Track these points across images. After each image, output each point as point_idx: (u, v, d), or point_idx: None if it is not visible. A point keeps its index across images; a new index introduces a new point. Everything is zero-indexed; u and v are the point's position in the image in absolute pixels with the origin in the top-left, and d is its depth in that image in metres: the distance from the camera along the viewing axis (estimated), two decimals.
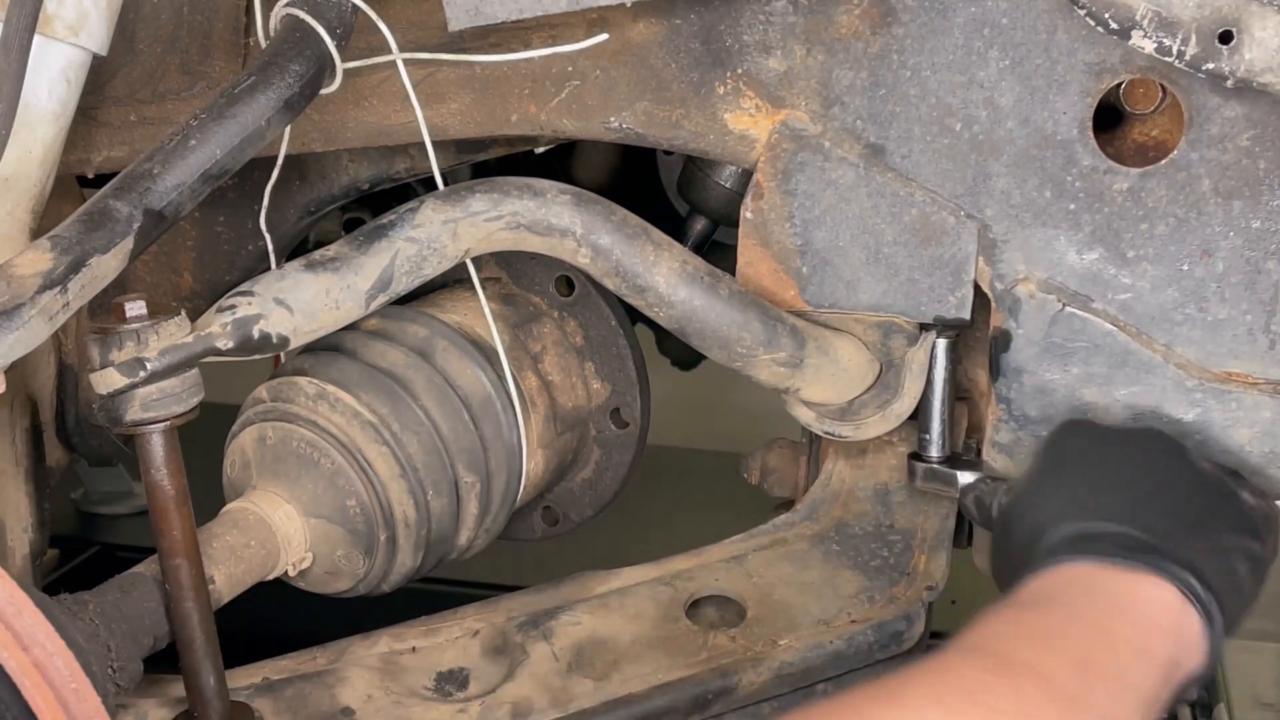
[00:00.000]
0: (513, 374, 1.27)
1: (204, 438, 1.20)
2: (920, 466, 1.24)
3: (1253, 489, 1.01)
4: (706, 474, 2.25)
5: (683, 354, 1.94)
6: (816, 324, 1.19)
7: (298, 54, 1.03)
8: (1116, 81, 1.09)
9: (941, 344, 1.21)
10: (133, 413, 0.98)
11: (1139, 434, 1.04)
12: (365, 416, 1.16)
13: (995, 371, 1.18)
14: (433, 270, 1.13)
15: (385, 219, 1.12)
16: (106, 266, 0.94)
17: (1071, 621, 0.83)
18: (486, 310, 1.25)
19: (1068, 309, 1.15)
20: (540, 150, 1.33)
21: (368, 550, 1.16)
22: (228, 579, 1.08)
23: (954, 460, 1.24)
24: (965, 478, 1.22)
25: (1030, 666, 0.78)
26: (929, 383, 1.22)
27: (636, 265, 1.13)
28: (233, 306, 1.04)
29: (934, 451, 1.23)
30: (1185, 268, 1.12)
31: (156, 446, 1.00)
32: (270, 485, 1.16)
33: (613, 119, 1.18)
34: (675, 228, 1.40)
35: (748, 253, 1.20)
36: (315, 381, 1.17)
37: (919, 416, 1.24)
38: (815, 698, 1.17)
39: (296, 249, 1.46)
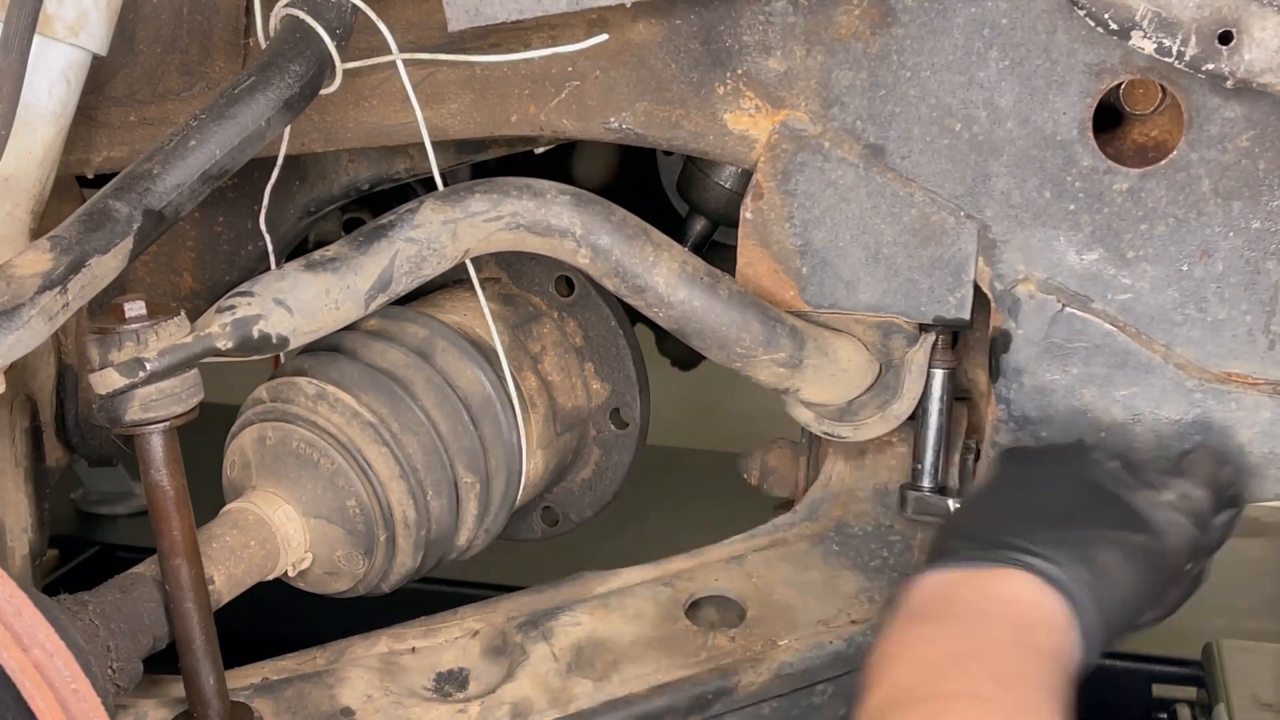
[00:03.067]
0: (512, 374, 1.27)
1: (204, 438, 1.20)
2: (912, 495, 1.24)
3: (1159, 486, 1.01)
4: (706, 474, 2.24)
5: (683, 354, 1.94)
6: (816, 324, 1.19)
7: (297, 54, 1.03)
8: (1116, 82, 1.09)
9: (939, 374, 1.22)
10: (132, 413, 0.98)
11: (1052, 450, 1.09)
12: (365, 417, 1.16)
13: (995, 372, 1.18)
14: (432, 270, 1.13)
15: (385, 219, 1.12)
16: (106, 267, 0.94)
17: (966, 638, 0.86)
18: (486, 310, 1.25)
19: (1067, 309, 1.15)
20: (540, 150, 1.33)
21: (367, 550, 1.16)
22: (227, 579, 1.08)
23: (945, 490, 1.25)
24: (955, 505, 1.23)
25: (961, 695, 0.80)
26: (924, 413, 1.23)
27: (636, 266, 1.13)
28: (232, 307, 1.04)
29: (926, 481, 1.24)
30: (1185, 268, 1.12)
31: (156, 447, 1.00)
32: (270, 485, 1.16)
33: (613, 119, 1.18)
34: (675, 228, 1.40)
35: (747, 253, 1.20)
36: (315, 382, 1.17)
37: (915, 446, 1.25)
38: (812, 697, 1.17)
39: (296, 249, 1.46)
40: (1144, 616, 0.98)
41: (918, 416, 1.24)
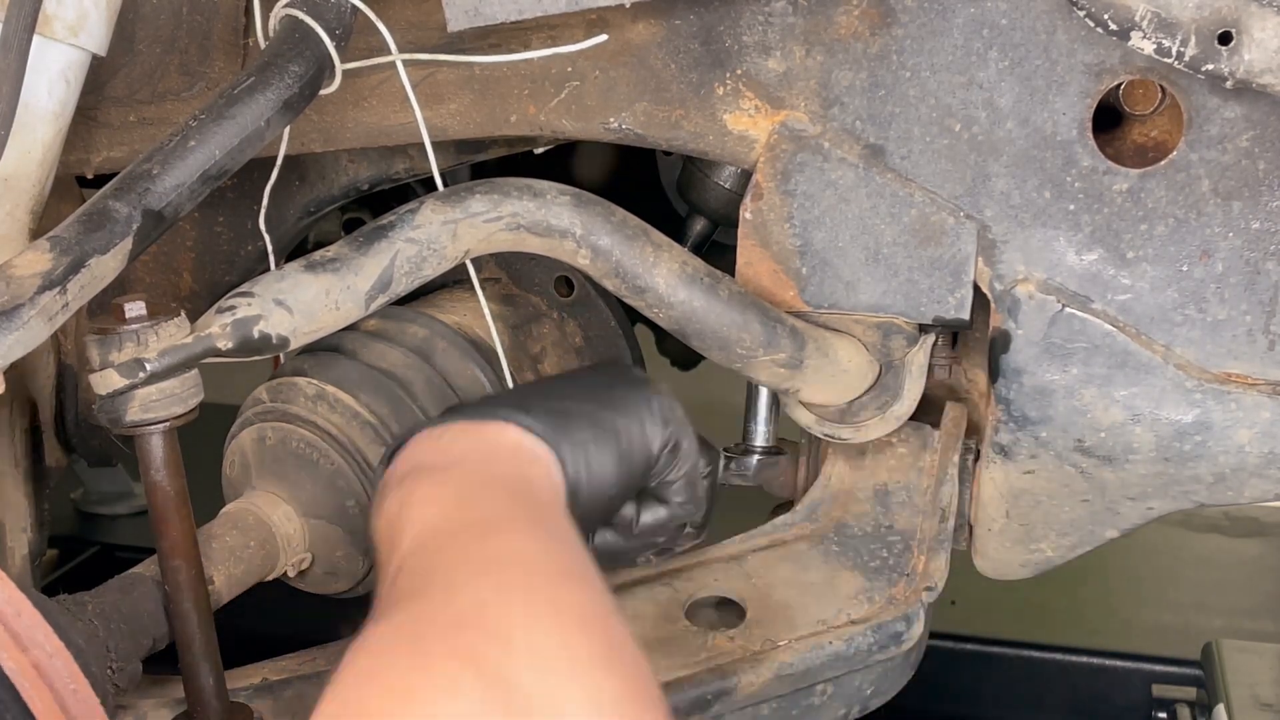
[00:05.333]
0: (512, 374, 1.27)
1: (204, 438, 1.20)
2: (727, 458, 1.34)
3: (660, 393, 1.05)
4: None
5: (683, 354, 1.93)
6: (816, 325, 1.19)
7: (297, 55, 1.03)
8: (1116, 82, 1.09)
9: (765, 390, 1.30)
10: (132, 413, 0.98)
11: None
12: (365, 417, 1.16)
13: (995, 372, 1.18)
14: (432, 271, 1.13)
15: (385, 220, 1.12)
16: (106, 267, 0.94)
17: (470, 476, 0.90)
18: (486, 311, 1.25)
19: (1067, 309, 1.15)
20: (540, 150, 1.33)
21: (367, 550, 1.16)
22: (227, 580, 1.08)
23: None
24: (750, 460, 1.35)
25: (498, 518, 0.84)
26: (752, 424, 1.34)
27: (636, 266, 1.13)
28: (232, 307, 1.04)
29: (757, 440, 1.35)
30: (1185, 268, 1.12)
31: (156, 447, 1.00)
32: (269, 486, 1.16)
33: (612, 119, 1.18)
34: (675, 228, 1.40)
35: (747, 253, 1.20)
36: (315, 382, 1.17)
37: (746, 408, 1.34)
38: (812, 697, 1.17)
39: (296, 249, 1.46)
40: (612, 503, 1.02)
41: (745, 423, 1.34)
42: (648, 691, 0.71)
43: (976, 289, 1.17)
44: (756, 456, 1.36)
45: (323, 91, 1.07)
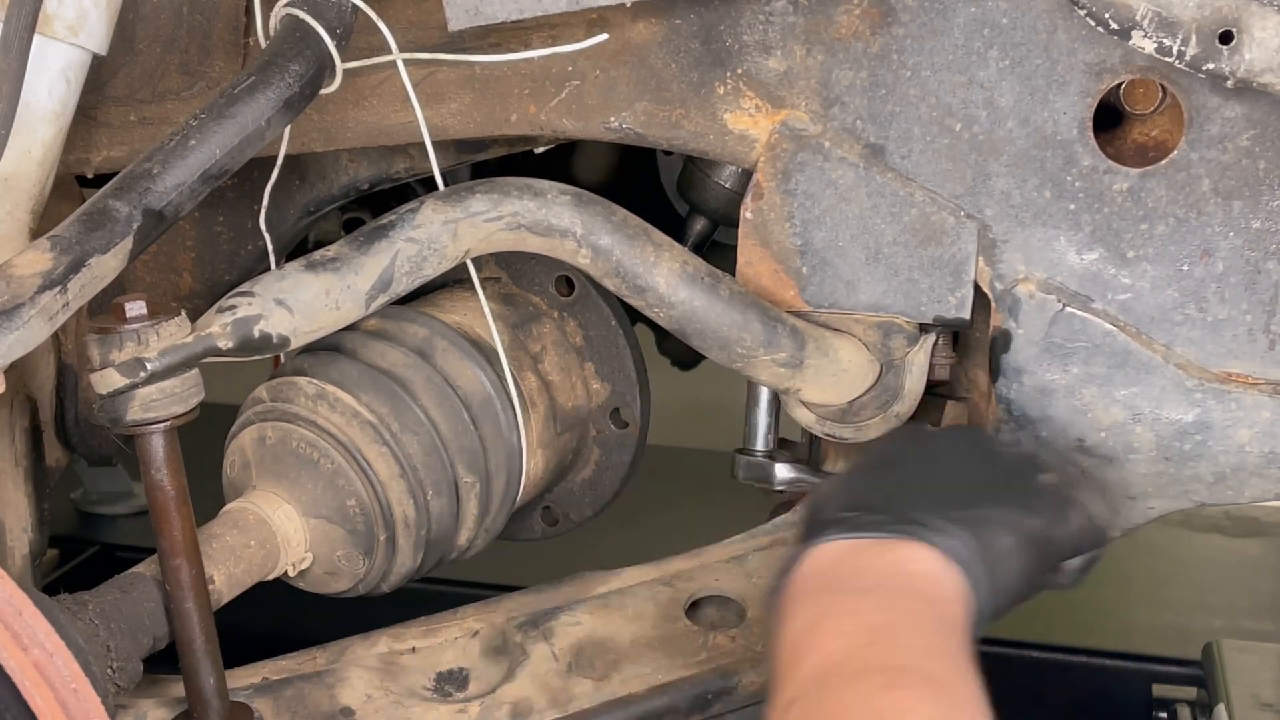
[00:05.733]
0: (512, 374, 1.27)
1: (204, 438, 1.20)
2: (743, 459, 1.29)
3: (1060, 475, 1.01)
4: (706, 474, 2.25)
5: (683, 354, 1.93)
6: (816, 324, 1.19)
7: (297, 54, 1.03)
8: (1116, 82, 1.09)
9: (765, 391, 1.29)
10: (133, 413, 0.98)
11: (945, 431, 1.09)
12: (365, 416, 1.16)
13: (995, 372, 1.18)
14: (433, 271, 1.13)
15: (385, 219, 1.12)
16: (106, 266, 0.94)
17: (889, 610, 0.85)
18: (486, 310, 1.25)
19: (1067, 309, 1.15)
20: (540, 150, 1.33)
21: (367, 550, 1.16)
22: (227, 579, 1.08)
23: (774, 456, 1.32)
24: (783, 471, 1.29)
25: (903, 667, 0.80)
26: (752, 424, 1.32)
27: (637, 266, 1.13)
28: (233, 307, 1.04)
29: (759, 445, 1.32)
30: (1185, 268, 1.12)
31: (156, 446, 1.00)
32: (270, 485, 1.16)
33: (613, 119, 1.18)
34: (675, 228, 1.40)
35: (747, 253, 1.20)
36: (315, 381, 1.17)
37: (747, 407, 1.32)
38: None
39: (296, 249, 1.46)
40: (1024, 598, 0.99)
41: (746, 424, 1.33)
42: None
43: (977, 288, 1.17)
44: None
45: (323, 91, 1.07)
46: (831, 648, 0.82)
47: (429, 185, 1.17)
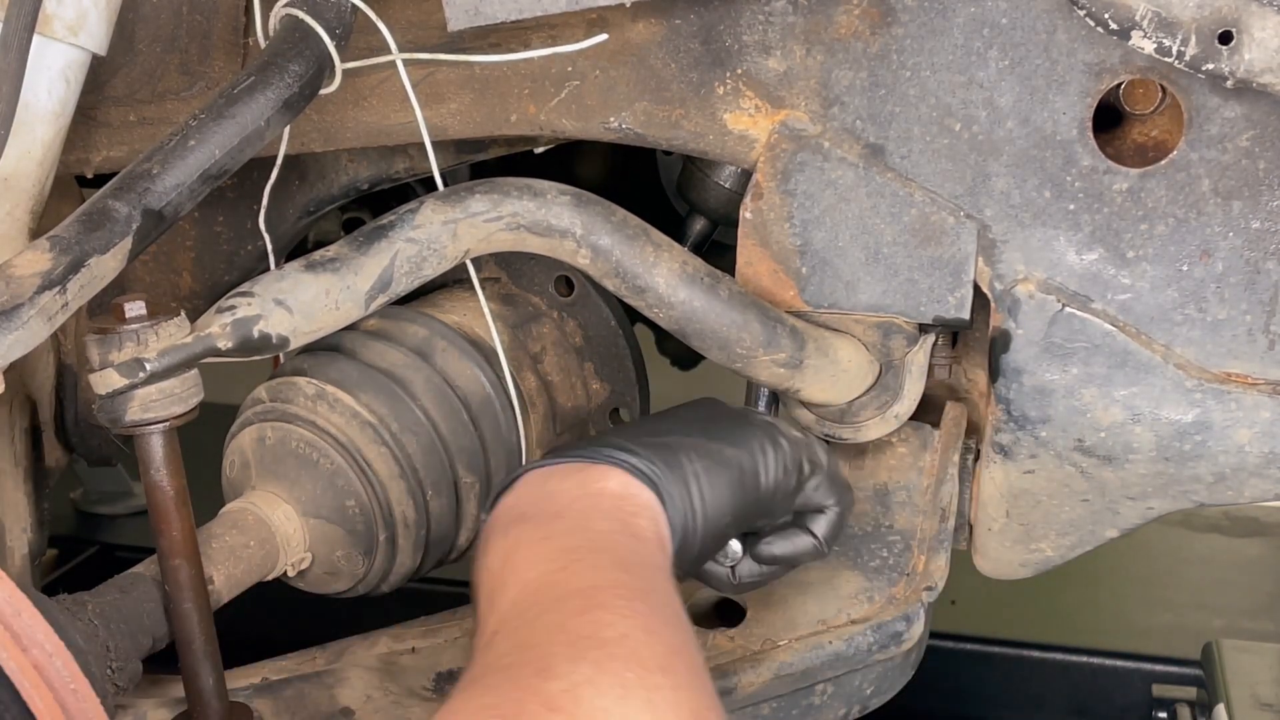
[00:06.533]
0: (512, 374, 1.27)
1: (204, 438, 1.20)
2: None
3: (766, 425, 1.06)
4: None
5: (683, 354, 1.94)
6: (816, 325, 1.19)
7: (297, 54, 1.03)
8: (1116, 82, 1.09)
9: (765, 392, 1.29)
10: (132, 413, 0.98)
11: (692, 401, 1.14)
12: (364, 417, 1.16)
13: (995, 372, 1.18)
14: (432, 271, 1.13)
15: (385, 219, 1.12)
16: (105, 266, 0.94)
17: (580, 532, 0.89)
18: (486, 310, 1.25)
19: (1067, 309, 1.15)
20: (540, 150, 1.33)
21: (367, 550, 1.16)
22: (227, 579, 1.07)
23: None
24: None
25: (598, 585, 0.83)
26: (753, 400, 1.30)
27: (636, 266, 1.13)
28: (232, 307, 1.04)
29: None
30: (1185, 268, 1.12)
31: (156, 447, 1.00)
32: (269, 485, 1.16)
33: (612, 119, 1.18)
34: (675, 228, 1.40)
35: (747, 253, 1.20)
36: (314, 382, 1.17)
37: None
38: (812, 697, 1.17)
39: (296, 249, 1.46)
40: (729, 531, 1.02)
41: (746, 399, 1.30)
42: None
43: (976, 289, 1.17)
44: None
45: (323, 91, 1.07)
46: (527, 576, 0.85)
47: (429, 185, 1.17)
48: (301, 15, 1.04)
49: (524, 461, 1.29)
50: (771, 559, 1.08)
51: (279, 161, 1.19)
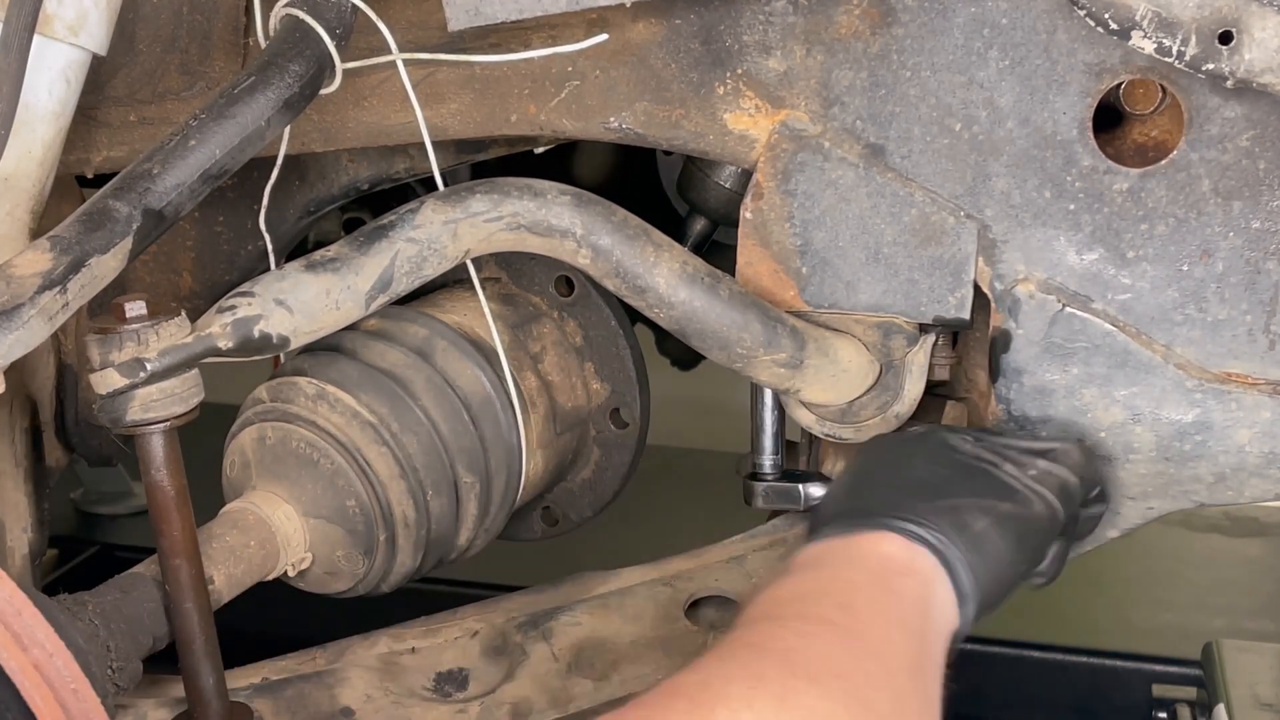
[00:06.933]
0: (512, 374, 1.27)
1: (204, 438, 1.20)
2: (759, 486, 1.29)
3: (1022, 464, 1.05)
4: (706, 474, 2.25)
5: (683, 354, 1.93)
6: (816, 325, 1.19)
7: (297, 54, 1.03)
8: (1116, 82, 1.09)
9: (771, 391, 1.28)
10: (133, 413, 0.98)
11: (914, 434, 1.14)
12: (365, 417, 1.16)
13: (995, 372, 1.18)
14: (433, 271, 1.13)
15: (385, 219, 1.12)
16: (106, 266, 0.94)
17: (825, 579, 0.90)
18: (486, 310, 1.25)
19: (1067, 309, 1.15)
20: (540, 150, 1.33)
21: (367, 550, 1.16)
22: (227, 579, 1.08)
23: (791, 475, 1.31)
24: (814, 489, 1.29)
25: (805, 615, 0.84)
26: (759, 406, 1.30)
27: (637, 266, 1.13)
28: (233, 307, 1.04)
29: (768, 469, 1.31)
30: (1185, 268, 1.12)
31: (156, 447, 1.00)
32: (270, 485, 1.16)
33: (612, 119, 1.18)
34: (675, 228, 1.40)
35: (747, 253, 1.20)
36: (315, 382, 1.17)
37: (753, 433, 1.31)
38: None
39: (296, 249, 1.46)
40: (1026, 573, 1.03)
41: (753, 399, 1.30)
42: None
43: (977, 289, 1.17)
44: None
45: (323, 91, 1.07)
46: (761, 607, 0.86)
47: (429, 185, 1.17)
48: (302, 15, 1.04)
49: (524, 461, 1.29)
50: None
51: (279, 161, 1.19)
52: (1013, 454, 1.06)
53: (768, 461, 1.32)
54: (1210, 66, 1.02)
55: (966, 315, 1.18)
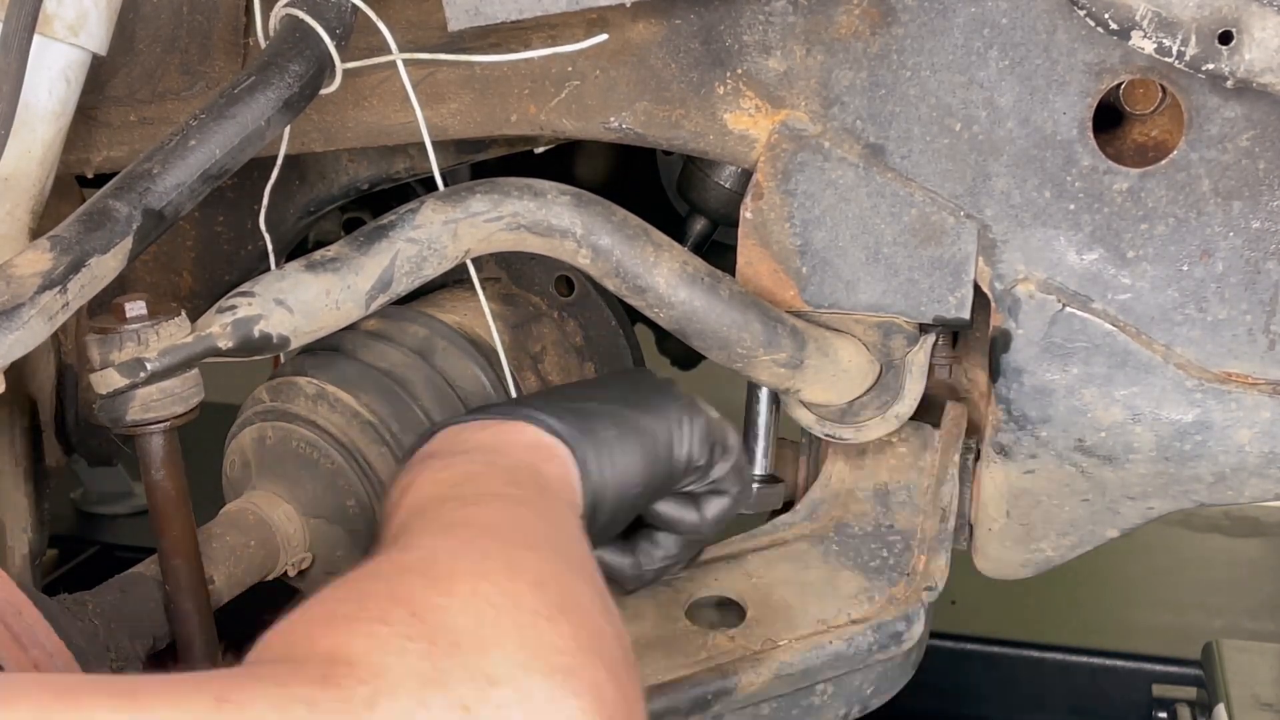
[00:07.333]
0: (512, 374, 1.27)
1: (204, 438, 1.20)
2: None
3: (693, 401, 1.08)
4: None
5: (683, 354, 1.93)
6: (816, 325, 1.19)
7: (297, 54, 1.03)
8: (1116, 82, 1.09)
9: (765, 392, 1.29)
10: (133, 413, 0.98)
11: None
12: (365, 417, 1.16)
13: (995, 372, 1.18)
14: (433, 271, 1.13)
15: (385, 219, 1.12)
16: (106, 266, 0.94)
17: (477, 461, 0.92)
18: (486, 310, 1.25)
19: (1067, 309, 1.15)
20: (540, 150, 1.33)
21: (367, 550, 1.16)
22: (227, 579, 1.08)
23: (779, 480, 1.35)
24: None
25: (482, 494, 0.86)
26: (753, 408, 1.31)
27: (637, 266, 1.13)
28: (233, 307, 1.04)
29: (756, 470, 1.33)
30: (1185, 268, 1.12)
31: (156, 447, 1.00)
32: (270, 485, 1.16)
33: (612, 119, 1.18)
34: (675, 228, 1.40)
35: (747, 253, 1.20)
36: (315, 382, 1.17)
37: (745, 434, 1.32)
38: (812, 697, 1.17)
39: (296, 249, 1.46)
40: (638, 501, 1.04)
41: (745, 423, 1.32)
42: (595, 644, 0.70)
43: (977, 288, 1.17)
44: (756, 486, 1.35)
45: (323, 91, 1.07)
46: (421, 491, 0.87)
47: (429, 185, 1.17)
48: (302, 15, 1.04)
49: None
50: (653, 516, 1.10)
51: (279, 161, 1.19)
52: (672, 386, 1.09)
53: (758, 465, 1.33)
54: (1210, 66, 1.02)
55: (966, 315, 1.18)
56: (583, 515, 0.96)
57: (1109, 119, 1.13)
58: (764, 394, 1.30)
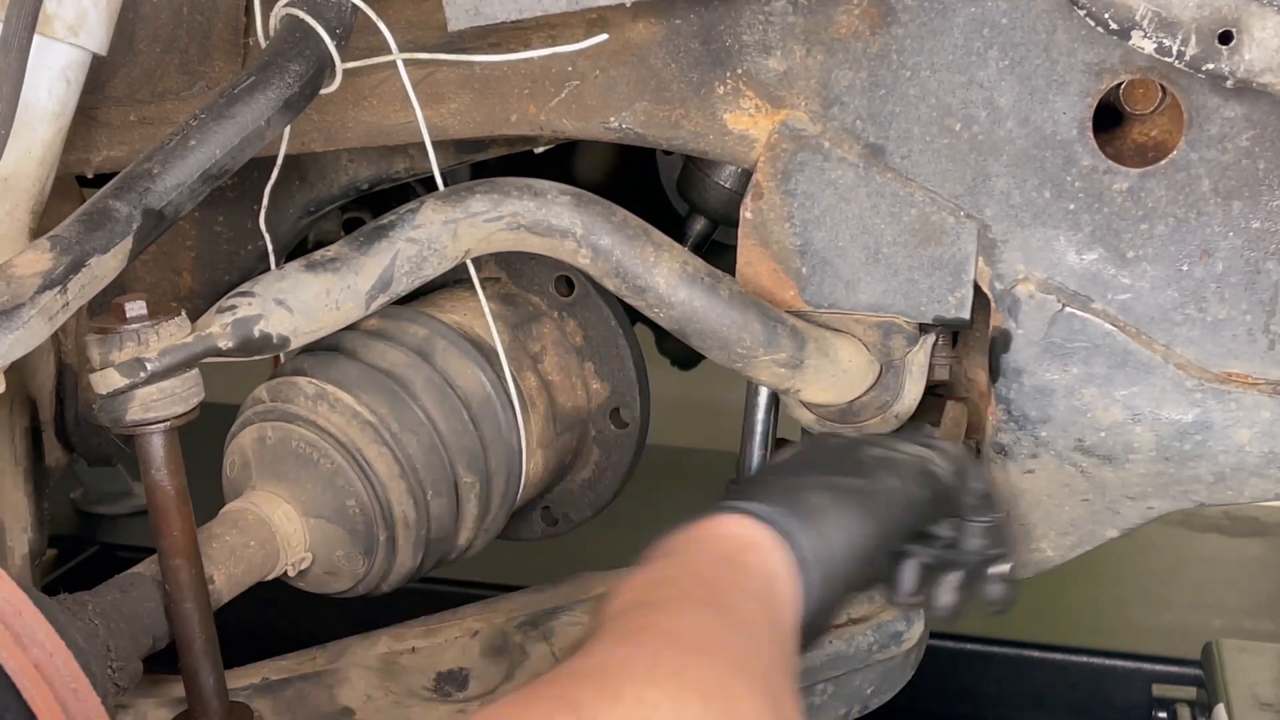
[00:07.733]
0: (512, 374, 1.27)
1: (204, 438, 1.20)
2: None
3: (886, 445, 1.07)
4: (706, 474, 2.25)
5: (683, 354, 1.93)
6: (816, 325, 1.19)
7: (297, 54, 1.03)
8: (1116, 82, 1.09)
9: (764, 393, 1.29)
10: (133, 413, 0.98)
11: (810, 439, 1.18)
12: (365, 416, 1.16)
13: (995, 372, 1.18)
14: (433, 271, 1.13)
15: (385, 219, 1.12)
16: (106, 266, 0.94)
17: (678, 563, 0.92)
18: (486, 310, 1.25)
19: (1067, 309, 1.15)
20: (540, 150, 1.33)
21: (367, 550, 1.16)
22: (227, 579, 1.08)
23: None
24: None
25: (675, 598, 0.86)
26: (752, 410, 1.30)
27: (637, 266, 1.13)
28: (233, 307, 1.04)
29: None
30: (1185, 268, 1.12)
31: (156, 447, 1.00)
32: (270, 485, 1.16)
33: (612, 119, 1.18)
34: (675, 228, 1.40)
35: (747, 253, 1.20)
36: (315, 382, 1.17)
37: (742, 443, 1.31)
38: (812, 697, 1.17)
39: (296, 249, 1.46)
40: (879, 555, 1.02)
41: (744, 424, 1.31)
42: None
43: (977, 288, 1.17)
44: None
45: (323, 91, 1.07)
46: (619, 601, 0.88)
47: (429, 185, 1.17)
48: (302, 15, 1.04)
49: (524, 461, 1.29)
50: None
51: (279, 161, 1.19)
52: (886, 440, 1.08)
53: (754, 467, 1.32)
54: (1210, 66, 1.02)
55: (966, 315, 1.18)
56: (802, 589, 0.94)
57: (1109, 119, 1.13)
58: (763, 394, 1.30)
